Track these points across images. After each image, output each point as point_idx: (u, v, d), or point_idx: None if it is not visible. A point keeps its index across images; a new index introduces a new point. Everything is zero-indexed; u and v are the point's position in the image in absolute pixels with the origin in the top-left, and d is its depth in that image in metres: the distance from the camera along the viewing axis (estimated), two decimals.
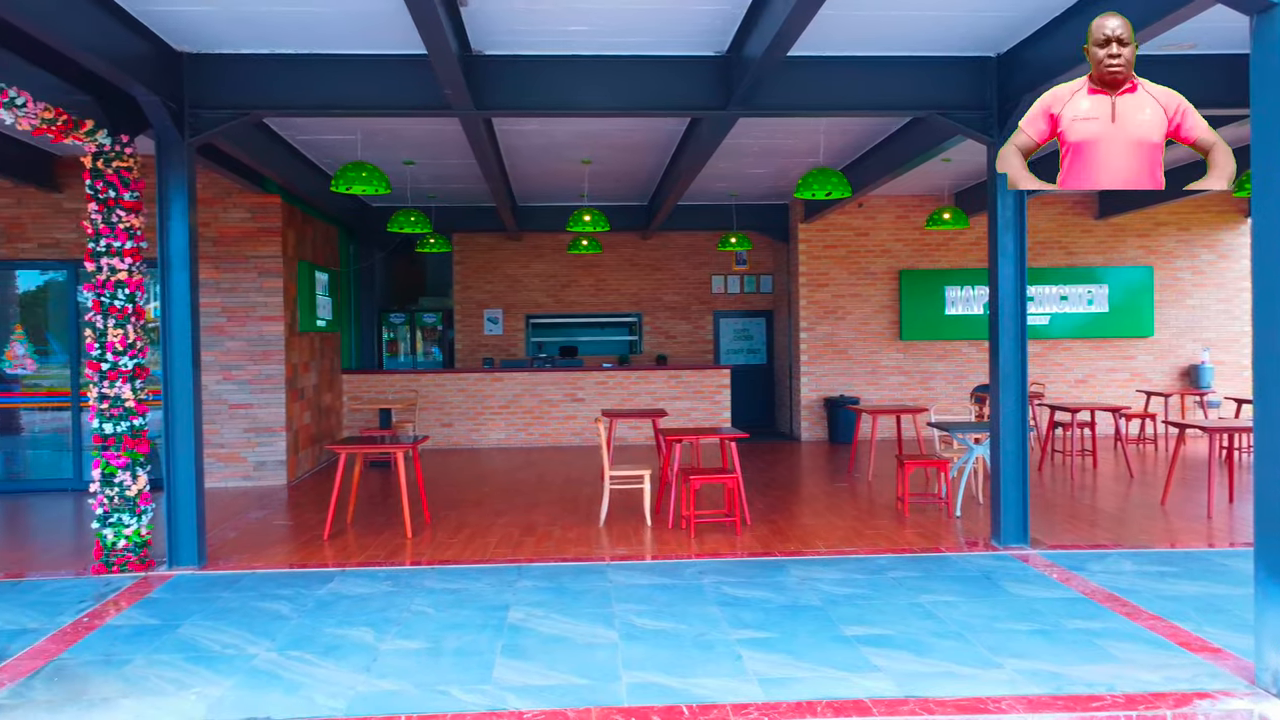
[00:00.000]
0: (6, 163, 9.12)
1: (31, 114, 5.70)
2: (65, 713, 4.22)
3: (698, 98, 7.23)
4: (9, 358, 10.47)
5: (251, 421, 10.56)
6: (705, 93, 7.18)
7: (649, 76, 7.12)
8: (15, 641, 5.19)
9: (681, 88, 7.19)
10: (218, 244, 10.38)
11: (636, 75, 7.11)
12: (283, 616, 5.60)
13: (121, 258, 6.58)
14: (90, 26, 5.53)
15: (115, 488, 6.58)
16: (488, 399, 13.90)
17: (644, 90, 7.18)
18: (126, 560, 6.63)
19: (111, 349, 6.56)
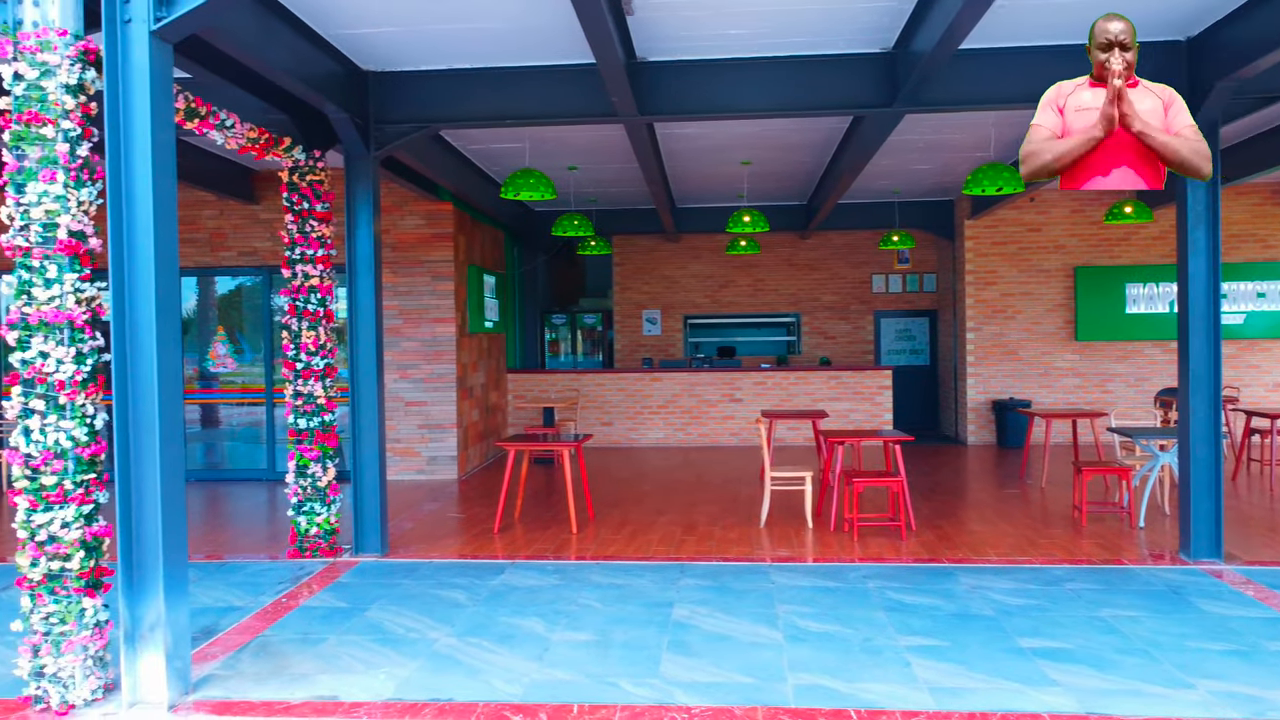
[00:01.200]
0: (212, 178, 9.94)
1: (238, 134, 6.20)
2: (270, 685, 4.58)
3: (861, 96, 7.12)
4: (212, 356, 11.40)
5: (425, 418, 11.11)
6: (869, 90, 7.07)
7: (811, 76, 7.07)
8: (225, 618, 5.66)
9: (844, 86, 7.11)
10: (395, 250, 10.96)
11: (798, 75, 7.07)
12: (459, 605, 5.88)
13: (314, 264, 7.06)
14: (289, 52, 5.97)
15: (308, 478, 7.06)
16: (646, 398, 14.11)
17: (806, 90, 7.14)
18: (318, 546, 7.11)
19: (305, 349, 7.05)
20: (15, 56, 4.16)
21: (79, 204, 4.24)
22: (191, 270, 11.13)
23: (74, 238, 4.22)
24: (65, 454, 4.19)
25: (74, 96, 4.22)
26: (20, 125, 4.17)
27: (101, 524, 4.33)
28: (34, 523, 4.18)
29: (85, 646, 4.24)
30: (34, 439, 4.18)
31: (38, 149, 4.16)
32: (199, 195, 10.66)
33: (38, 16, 4.17)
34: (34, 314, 4.17)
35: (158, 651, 4.28)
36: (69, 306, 4.20)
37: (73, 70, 4.20)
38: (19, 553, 4.22)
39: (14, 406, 4.21)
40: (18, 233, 4.19)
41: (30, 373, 4.19)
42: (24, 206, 4.17)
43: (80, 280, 4.24)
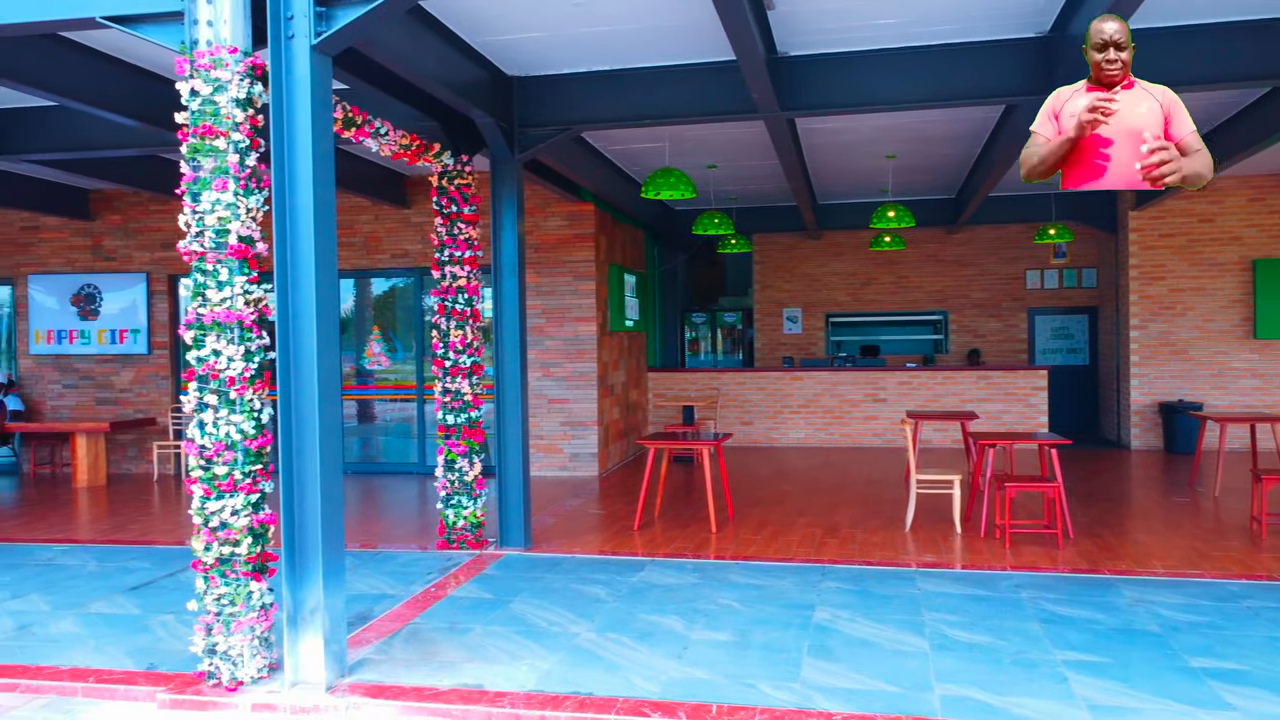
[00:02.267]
0: (368, 184, 10.41)
1: (392, 141, 6.47)
2: (420, 671, 4.75)
3: (1014, 83, 6.81)
4: (367, 355, 11.95)
5: (567, 416, 11.31)
6: (1022, 77, 6.76)
7: (958, 65, 6.81)
8: (378, 605, 5.92)
9: (996, 74, 6.81)
10: (539, 250, 11.21)
11: (945, 65, 6.83)
12: (600, 600, 5.95)
13: (461, 265, 7.29)
14: (438, 60, 6.18)
15: (455, 473, 7.30)
16: (787, 398, 13.94)
17: (953, 80, 6.88)
18: (464, 539, 7.34)
19: (453, 348, 7.29)
20: (192, 74, 4.45)
21: (248, 211, 4.50)
22: (349, 272, 11.69)
23: (243, 243, 4.48)
24: (235, 445, 4.47)
25: (243, 110, 4.48)
26: (196, 138, 4.46)
27: (267, 512, 4.59)
28: (207, 509, 4.47)
29: (252, 627, 4.51)
30: (207, 431, 4.47)
31: (211, 160, 4.45)
32: (356, 201, 11.19)
33: (211, 36, 4.45)
34: (208, 314, 4.46)
35: (317, 635, 4.51)
36: (239, 307, 4.47)
37: (242, 85, 4.47)
38: (194, 537, 4.51)
39: (190, 401, 4.51)
40: (194, 239, 4.49)
41: (204, 369, 4.48)
42: (199, 214, 4.47)
43: (249, 283, 4.51)
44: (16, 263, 12.14)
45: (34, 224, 12.04)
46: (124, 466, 11.99)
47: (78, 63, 6.51)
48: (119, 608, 5.96)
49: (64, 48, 6.37)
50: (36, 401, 12.13)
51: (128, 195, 11.76)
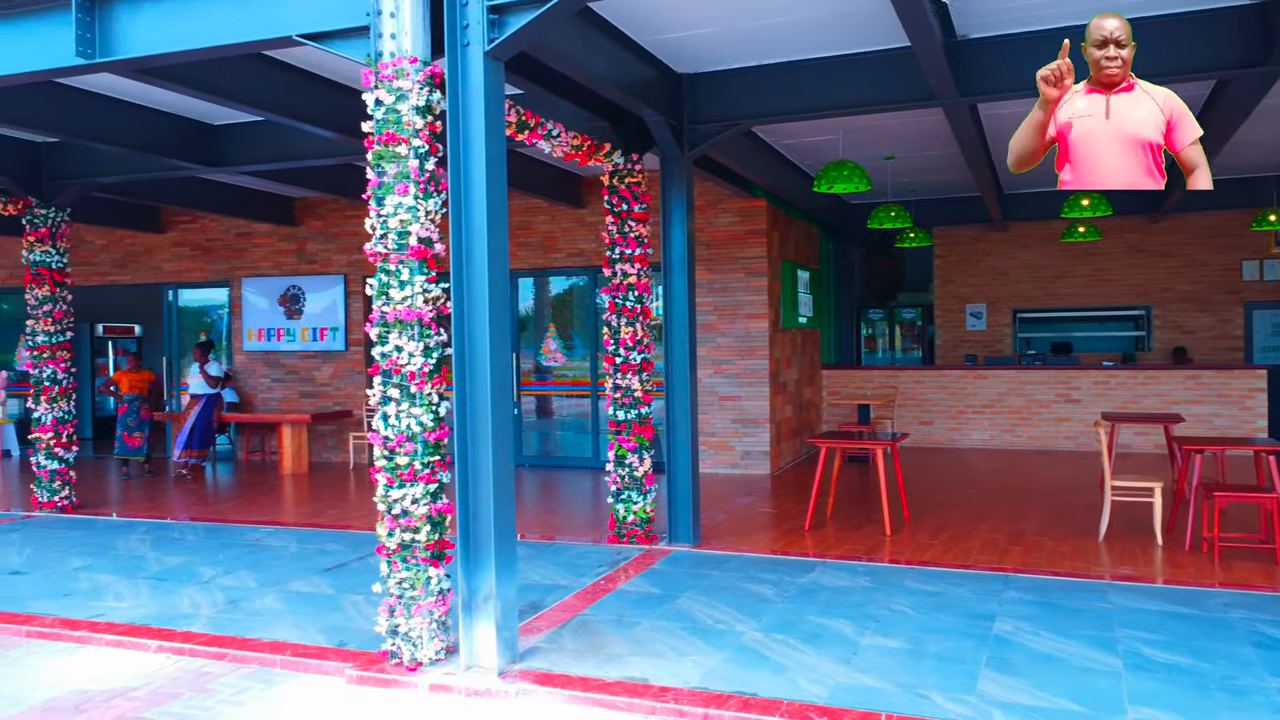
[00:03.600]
0: (544, 185, 10.71)
1: (564, 142, 6.61)
2: (588, 661, 4.84)
3: (1225, 56, 6.24)
4: (544, 352, 12.30)
5: (738, 413, 11.25)
6: (1235, 49, 6.17)
7: (1161, 38, 6.29)
8: (549, 595, 6.07)
9: (1203, 46, 6.25)
10: (709, 247, 11.20)
11: (1146, 38, 6.29)
12: (767, 600, 5.88)
13: (632, 263, 7.37)
14: (608, 61, 6.27)
15: (626, 468, 7.39)
16: (970, 397, 13.34)
17: (1156, 54, 6.34)
18: (634, 533, 7.42)
19: (623, 345, 7.39)
20: (376, 84, 4.70)
21: (427, 213, 4.71)
22: (527, 271, 12.07)
23: (423, 244, 4.69)
24: (415, 437, 4.68)
25: (422, 117, 4.69)
26: (380, 145, 4.71)
27: (445, 502, 4.79)
28: (390, 497, 4.71)
29: (431, 611, 4.72)
30: (390, 423, 4.71)
31: (394, 166, 4.68)
32: (533, 202, 11.53)
33: (394, 48, 4.68)
34: (391, 312, 4.70)
35: (490, 621, 4.66)
36: (418, 305, 4.69)
37: (422, 93, 4.68)
38: (379, 524, 4.77)
39: (375, 394, 4.77)
40: (378, 240, 4.74)
41: (388, 364, 4.72)
42: (383, 217, 4.71)
43: (428, 282, 4.72)
44: (233, 266, 13.23)
45: (247, 231, 13.09)
46: (324, 455, 12.85)
47: (282, 80, 7.01)
48: (315, 587, 6.38)
49: (270, 66, 6.87)
50: (249, 394, 13.19)
51: (328, 202, 12.59)
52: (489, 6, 4.68)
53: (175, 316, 13.82)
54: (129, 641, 5.36)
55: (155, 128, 8.31)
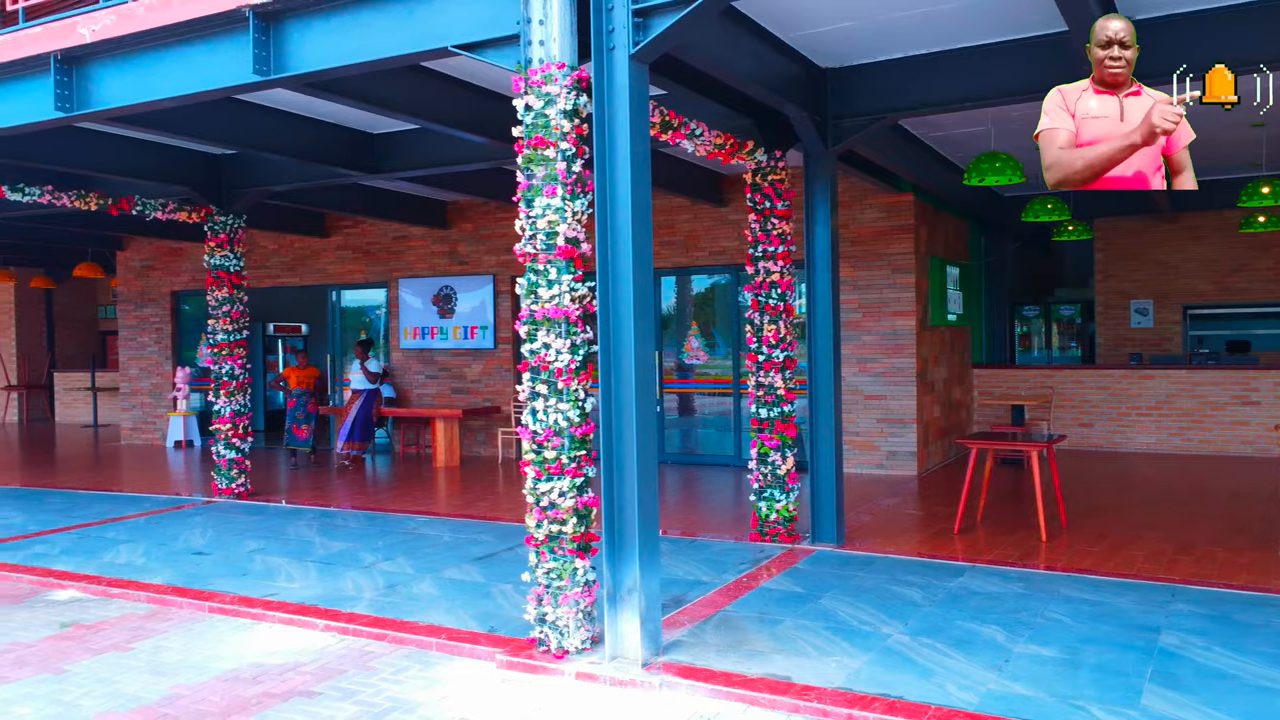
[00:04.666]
0: (686, 184, 10.77)
1: (707, 141, 6.65)
2: (730, 657, 4.86)
3: None
4: (686, 350, 12.37)
5: (884, 412, 11.02)
6: None
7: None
8: (692, 591, 6.12)
9: None
10: (854, 244, 11.01)
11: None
12: (914, 603, 5.75)
13: (774, 261, 7.34)
14: (751, 59, 6.27)
15: (768, 466, 7.37)
16: (1134, 399, 12.63)
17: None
18: (776, 532, 7.39)
19: (766, 342, 7.37)
20: (526, 90, 4.86)
21: (574, 214, 4.84)
22: (670, 270, 12.17)
23: (569, 244, 4.82)
24: (562, 432, 4.82)
25: (570, 120, 4.82)
26: (529, 149, 4.86)
27: (590, 495, 4.91)
28: (538, 490, 4.86)
29: (577, 601, 4.84)
30: (539, 418, 4.86)
31: (542, 169, 4.83)
32: (675, 201, 11.62)
33: (543, 54, 4.83)
34: (539, 311, 4.85)
35: (634, 613, 4.75)
36: (565, 304, 4.82)
37: (569, 97, 4.81)
38: (527, 515, 4.93)
39: (524, 390, 4.93)
40: (527, 241, 4.90)
41: (536, 361, 4.88)
42: (532, 218, 4.87)
43: (574, 281, 4.85)
44: (390, 268, 13.89)
45: (404, 234, 13.71)
46: (474, 449, 13.33)
47: (435, 90, 7.32)
48: (467, 575, 6.64)
49: (425, 77, 7.19)
50: (405, 390, 13.81)
51: (478, 205, 13.04)
52: (634, 10, 4.77)
53: (338, 316, 14.62)
54: (299, 620, 5.72)
55: (321, 138, 8.83)
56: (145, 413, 15.97)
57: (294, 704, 4.51)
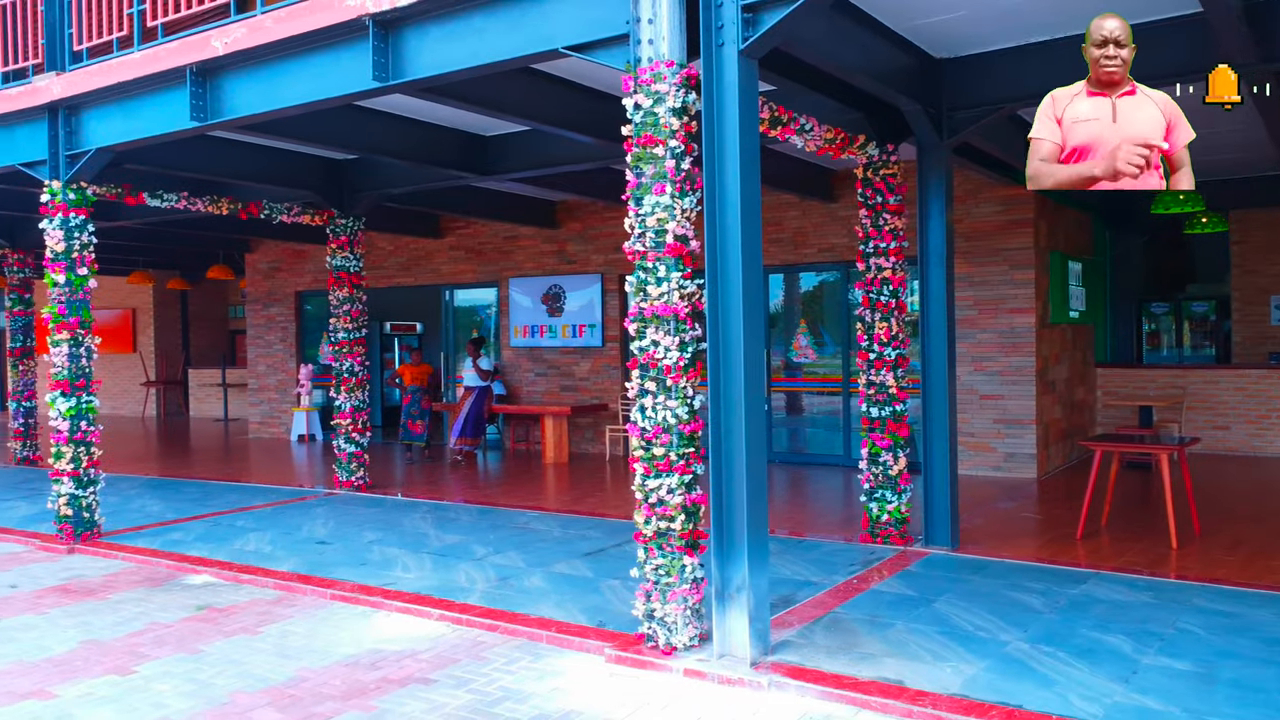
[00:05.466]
0: (794, 181, 10.65)
1: (817, 136, 6.56)
2: (840, 659, 4.79)
3: None
4: (795, 348, 12.24)
5: (1001, 412, 10.67)
6: None
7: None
8: (800, 591, 6.05)
9: None
10: (969, 239, 10.69)
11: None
12: (1033, 610, 5.55)
13: (886, 257, 7.19)
14: (862, 51, 6.15)
15: (879, 466, 7.23)
16: (1275, 400, 11.89)
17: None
18: (888, 533, 7.24)
19: (877, 340, 7.23)
20: (635, 89, 4.89)
21: (682, 212, 4.84)
22: (777, 268, 12.05)
23: (678, 241, 4.83)
24: (670, 429, 4.83)
25: (678, 118, 4.83)
26: (639, 148, 4.89)
27: (699, 492, 4.91)
28: (647, 486, 4.89)
29: (685, 598, 4.85)
30: (647, 415, 4.88)
31: (651, 167, 4.85)
32: (783, 197, 11.50)
33: (652, 53, 4.85)
34: (648, 308, 4.87)
35: (742, 612, 4.73)
36: (674, 301, 4.83)
37: (678, 95, 4.81)
38: (636, 511, 4.96)
39: (633, 387, 4.96)
40: (636, 239, 4.92)
41: (645, 358, 4.90)
42: (641, 216, 4.89)
43: (683, 278, 4.85)
44: (501, 268, 14.17)
45: (514, 234, 13.96)
46: (582, 446, 13.48)
47: (545, 91, 7.43)
48: (576, 570, 6.73)
49: (534, 79, 7.30)
50: (515, 387, 14.07)
51: (586, 205, 13.18)
52: (743, 6, 4.74)
53: (451, 315, 15.00)
54: (415, 609, 5.90)
55: (436, 141, 9.08)
56: (271, 408, 16.71)
57: (411, 690, 4.65)
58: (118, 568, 7.32)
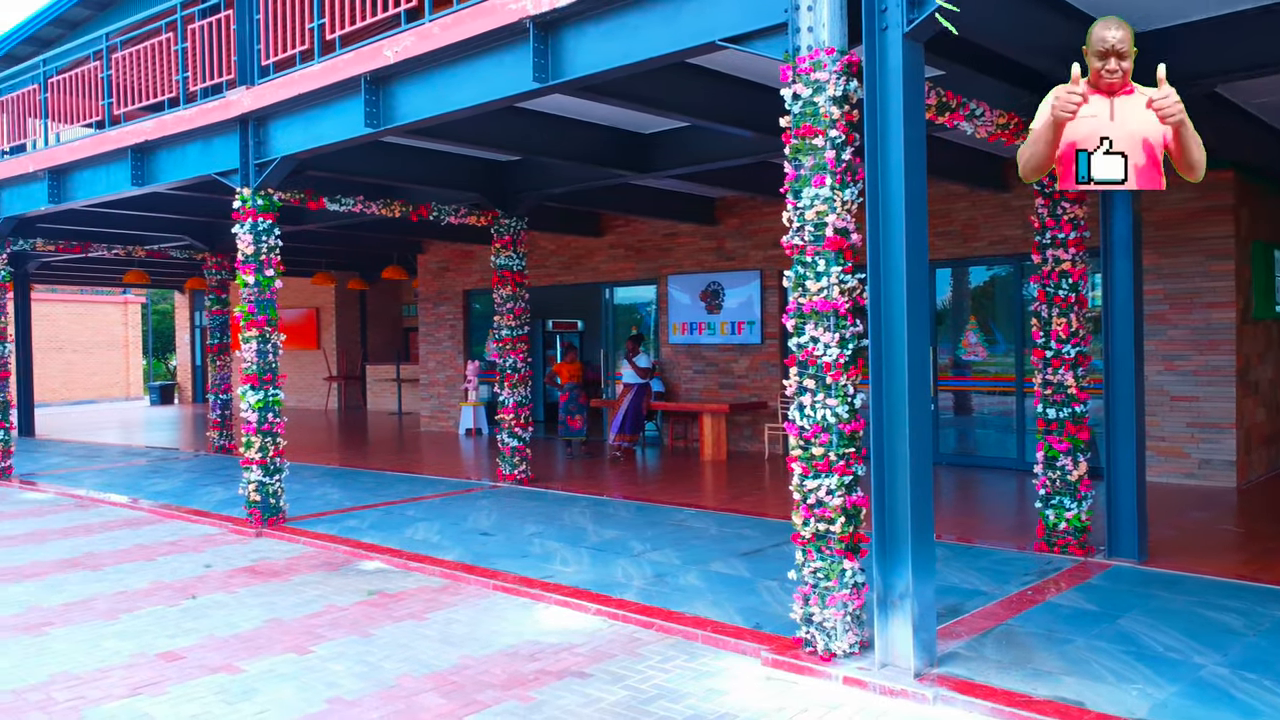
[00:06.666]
0: (963, 170, 10.18)
1: (988, 121, 6.21)
2: (1012, 675, 4.51)
3: None
4: (964, 345, 11.72)
5: (1194, 415, 9.86)
6: None
7: None
8: (969, 601, 5.76)
9: None
10: (1159, 228, 9.93)
11: None
12: (1233, 631, 5.08)
13: (1065, 248, 6.75)
14: (1037, 28, 5.79)
15: (1057, 471, 6.80)
16: None
17: None
18: (1066, 543, 6.80)
19: (1055, 337, 6.79)
20: (794, 79, 4.75)
21: (843, 204, 4.68)
22: (944, 262, 11.56)
23: (838, 234, 4.67)
24: (830, 428, 4.68)
25: (839, 107, 4.66)
26: (797, 139, 4.76)
27: (859, 494, 4.74)
28: (805, 487, 4.75)
29: (845, 603, 4.69)
30: (806, 414, 4.75)
31: (810, 158, 4.70)
32: (951, 188, 11.02)
33: (811, 41, 4.70)
34: (807, 304, 4.74)
35: (905, 620, 4.52)
36: (834, 296, 4.67)
37: (839, 83, 4.65)
38: (794, 512, 4.83)
39: (791, 385, 4.83)
40: (795, 233, 4.79)
41: (803, 355, 4.76)
42: (800, 210, 4.76)
43: (843, 273, 4.69)
44: (660, 266, 14.23)
45: (672, 231, 13.99)
46: (740, 444, 13.36)
47: (701, 86, 7.37)
48: (733, 569, 6.64)
49: (690, 74, 7.25)
50: (673, 384, 14.10)
51: (744, 200, 13.05)
52: None
53: (611, 312, 15.18)
54: (573, 603, 5.97)
55: (594, 141, 9.18)
56: (441, 402, 17.41)
57: (568, 683, 4.70)
58: (299, 551, 7.77)
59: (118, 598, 6.43)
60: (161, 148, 9.39)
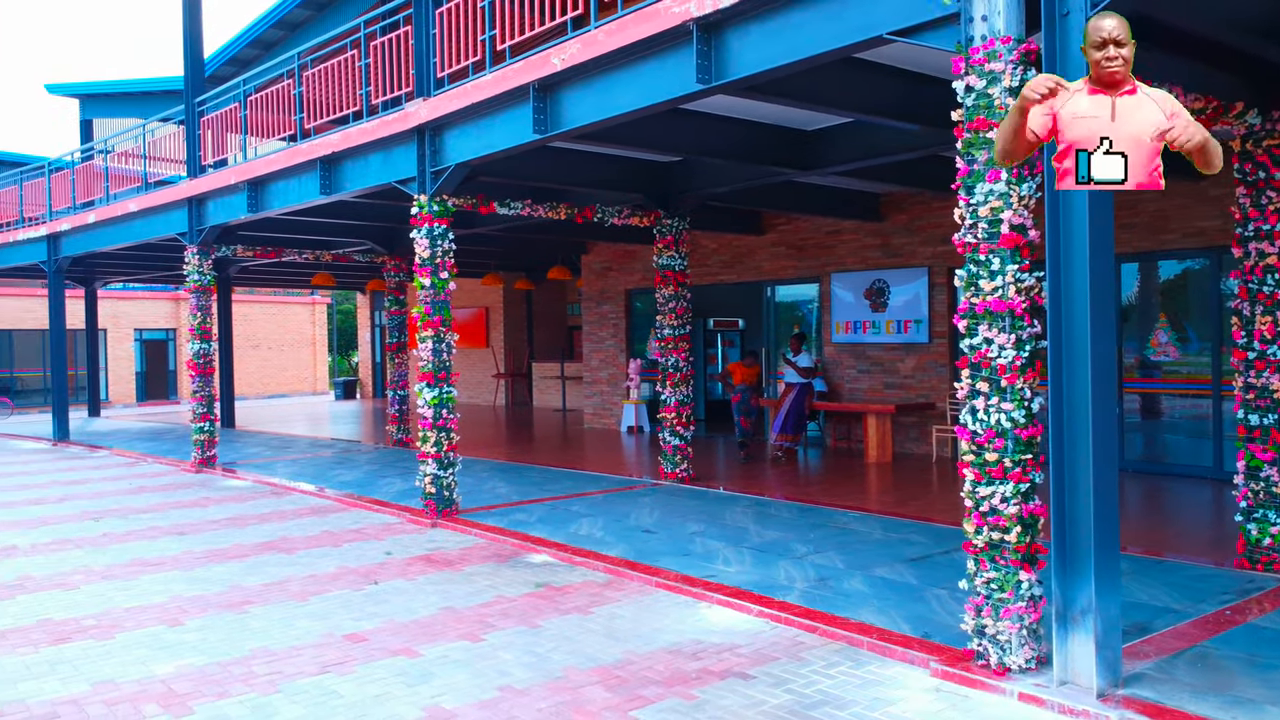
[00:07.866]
0: None
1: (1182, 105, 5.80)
2: (1209, 701, 4.20)
3: None
4: (1153, 345, 10.97)
5: None
6: None
7: None
8: (1158, 619, 5.40)
9: None
10: None
11: None
12: None
13: (1271, 241, 6.23)
14: (1238, 3, 5.36)
15: (1260, 482, 6.28)
16: None
17: None
18: (1271, 560, 6.27)
19: (1258, 337, 6.28)
20: (967, 71, 4.58)
21: (1020, 199, 4.48)
22: (1131, 256, 10.87)
23: (1015, 231, 4.47)
24: (1005, 433, 4.49)
25: (1015, 98, 4.45)
26: (970, 133, 4.58)
27: (1037, 503, 4.52)
28: (978, 494, 4.58)
29: (1021, 616, 4.49)
30: (979, 418, 4.57)
31: (985, 152, 4.52)
32: None
33: (985, 30, 4.52)
34: (980, 304, 4.56)
35: (1087, 637, 4.29)
36: (1010, 296, 4.48)
37: (1015, 73, 4.45)
38: (965, 519, 4.66)
39: (963, 387, 4.67)
40: (967, 230, 4.62)
41: (977, 357, 4.59)
42: (973, 206, 4.58)
43: (1020, 271, 4.48)
44: (822, 263, 14.00)
45: (836, 229, 13.74)
46: (906, 446, 12.99)
47: (866, 80, 7.20)
48: (899, 575, 6.47)
49: (855, 69, 7.10)
50: (836, 384, 13.85)
51: (911, 196, 12.66)
52: None
53: (772, 311, 15.06)
54: (734, 603, 5.96)
55: (756, 139, 9.13)
56: (603, 400, 17.74)
57: (730, 684, 4.70)
58: (470, 542, 8.09)
59: (308, 580, 6.89)
60: (346, 159, 9.98)
